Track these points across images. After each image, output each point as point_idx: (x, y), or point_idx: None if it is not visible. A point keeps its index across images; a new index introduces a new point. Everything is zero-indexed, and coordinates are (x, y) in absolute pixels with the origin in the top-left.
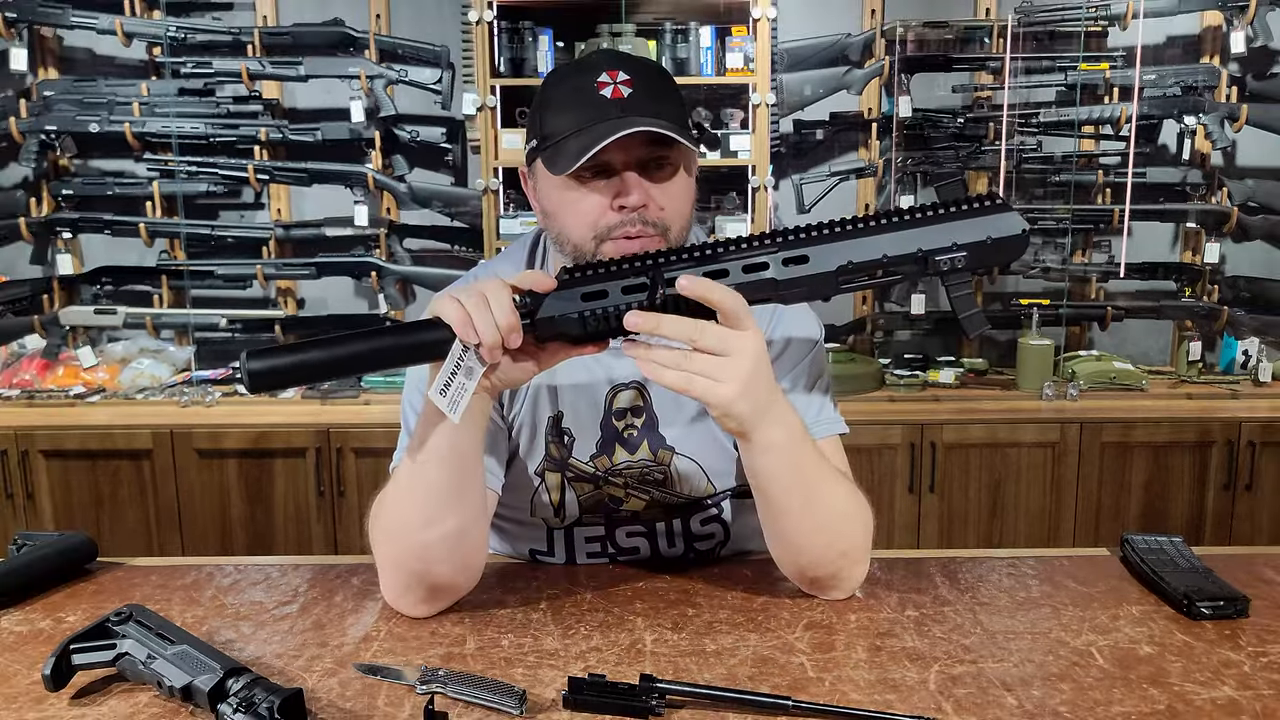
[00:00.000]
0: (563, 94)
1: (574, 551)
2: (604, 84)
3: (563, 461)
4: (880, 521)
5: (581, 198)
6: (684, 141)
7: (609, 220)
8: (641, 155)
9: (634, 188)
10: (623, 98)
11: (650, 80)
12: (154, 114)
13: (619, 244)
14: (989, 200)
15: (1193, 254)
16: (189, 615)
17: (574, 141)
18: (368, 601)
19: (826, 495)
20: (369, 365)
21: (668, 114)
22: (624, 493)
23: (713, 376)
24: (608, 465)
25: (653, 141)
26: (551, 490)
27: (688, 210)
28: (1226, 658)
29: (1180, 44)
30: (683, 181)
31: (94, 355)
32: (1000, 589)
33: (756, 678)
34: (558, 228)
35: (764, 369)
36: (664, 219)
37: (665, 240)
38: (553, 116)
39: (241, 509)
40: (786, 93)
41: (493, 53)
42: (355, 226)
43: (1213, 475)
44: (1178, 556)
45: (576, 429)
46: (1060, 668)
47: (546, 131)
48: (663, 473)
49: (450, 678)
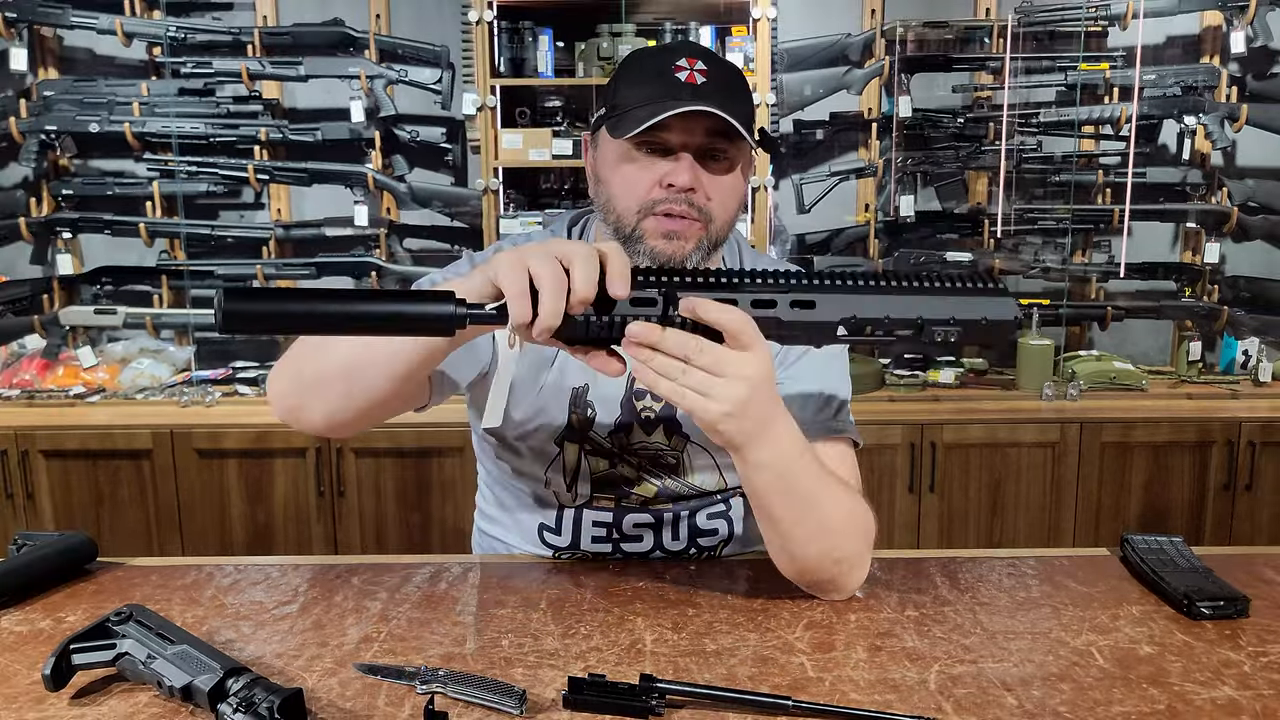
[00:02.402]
0: (641, 70)
1: (580, 534)
2: (681, 68)
3: (583, 433)
4: (880, 521)
5: (636, 170)
6: (743, 135)
7: (655, 195)
8: (701, 142)
9: (686, 169)
10: (695, 84)
11: (726, 76)
12: (154, 114)
13: (659, 220)
14: (992, 284)
15: (1193, 254)
16: (189, 615)
17: (640, 112)
18: (368, 601)
19: (823, 507)
20: (351, 328)
21: (735, 111)
22: (636, 474)
23: (705, 393)
24: (624, 443)
25: (714, 133)
26: (569, 460)
27: (734, 207)
28: (1226, 658)
29: (1180, 44)
30: (735, 179)
31: (94, 355)
32: (1000, 589)
33: (756, 678)
34: (607, 194)
35: (762, 393)
36: (709, 208)
37: (706, 230)
38: (626, 88)
39: (241, 509)
40: (786, 93)
41: (493, 53)
42: (355, 226)
43: (1213, 475)
44: (1178, 556)
45: (599, 403)
46: (1060, 668)
47: (617, 100)
48: (675, 459)
49: (450, 677)
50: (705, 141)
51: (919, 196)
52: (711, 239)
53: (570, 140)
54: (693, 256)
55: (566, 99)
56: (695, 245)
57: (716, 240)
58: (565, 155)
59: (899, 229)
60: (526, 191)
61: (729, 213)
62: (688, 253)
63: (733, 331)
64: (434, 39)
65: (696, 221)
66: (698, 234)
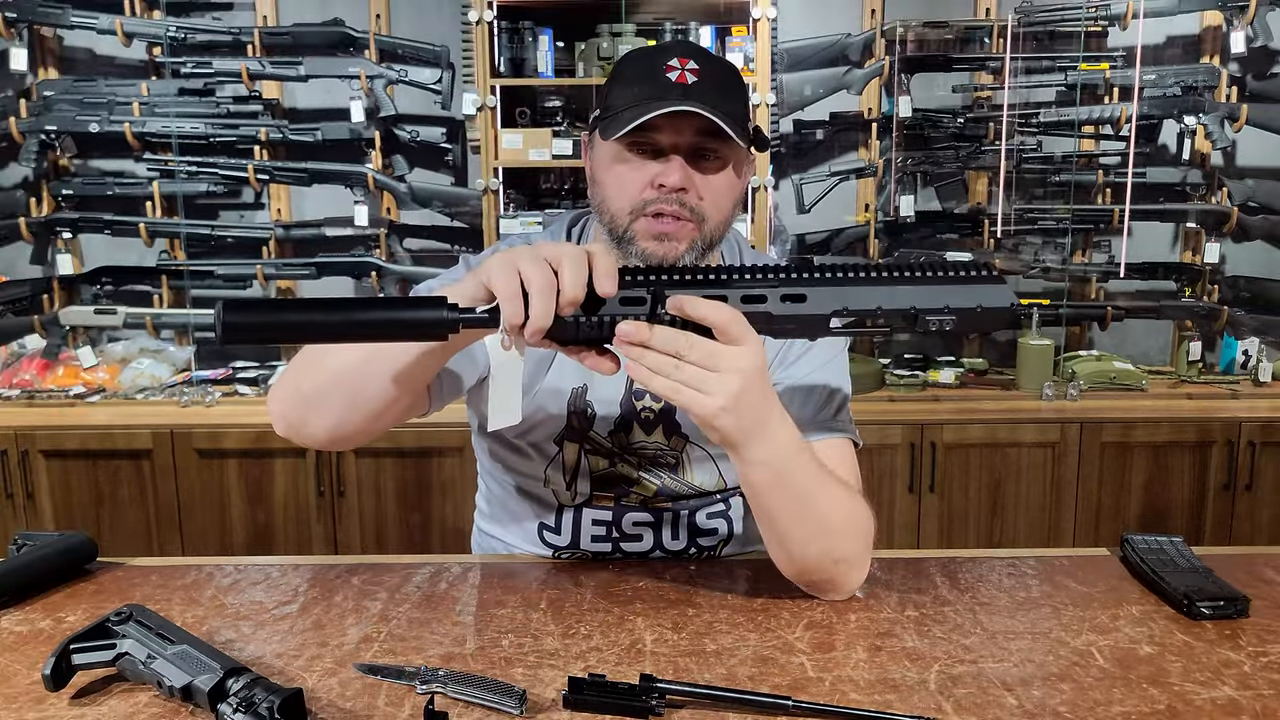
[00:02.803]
0: (632, 71)
1: (580, 534)
2: (672, 68)
3: (583, 432)
4: (880, 521)
5: (628, 170)
6: (732, 135)
7: (647, 196)
8: (692, 142)
9: (676, 169)
10: (686, 83)
11: (718, 75)
12: (154, 114)
13: (650, 222)
14: (986, 270)
15: (1193, 254)
16: (189, 615)
17: (630, 113)
18: (368, 601)
19: (821, 507)
20: (348, 336)
21: (727, 110)
22: (636, 474)
23: (699, 388)
24: (624, 442)
25: (705, 132)
26: (568, 459)
27: (728, 207)
28: (1226, 658)
29: (1180, 44)
30: (728, 178)
31: (94, 355)
32: (1000, 589)
33: (756, 678)
34: (601, 195)
35: (756, 387)
36: (702, 208)
37: (699, 230)
38: (619, 89)
39: (241, 509)
40: (786, 92)
41: (493, 53)
42: (355, 226)
43: (1213, 475)
44: (1178, 556)
45: (599, 403)
46: (1060, 668)
47: (610, 102)
48: (675, 458)
49: (450, 678)
50: (695, 141)
51: (919, 196)
52: (705, 239)
53: (570, 140)
54: (685, 258)
55: (566, 99)
56: (688, 246)
57: (711, 240)
58: (565, 155)
59: (899, 229)
60: (526, 191)
61: (723, 213)
62: (680, 254)
63: (721, 326)
64: (434, 39)
65: (689, 222)
66: (690, 235)
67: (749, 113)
